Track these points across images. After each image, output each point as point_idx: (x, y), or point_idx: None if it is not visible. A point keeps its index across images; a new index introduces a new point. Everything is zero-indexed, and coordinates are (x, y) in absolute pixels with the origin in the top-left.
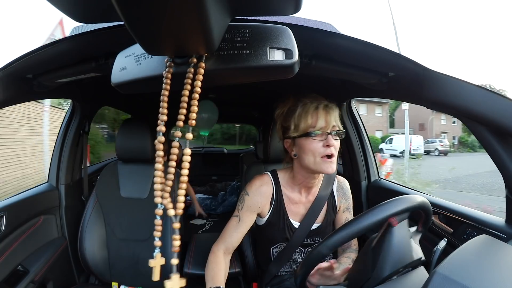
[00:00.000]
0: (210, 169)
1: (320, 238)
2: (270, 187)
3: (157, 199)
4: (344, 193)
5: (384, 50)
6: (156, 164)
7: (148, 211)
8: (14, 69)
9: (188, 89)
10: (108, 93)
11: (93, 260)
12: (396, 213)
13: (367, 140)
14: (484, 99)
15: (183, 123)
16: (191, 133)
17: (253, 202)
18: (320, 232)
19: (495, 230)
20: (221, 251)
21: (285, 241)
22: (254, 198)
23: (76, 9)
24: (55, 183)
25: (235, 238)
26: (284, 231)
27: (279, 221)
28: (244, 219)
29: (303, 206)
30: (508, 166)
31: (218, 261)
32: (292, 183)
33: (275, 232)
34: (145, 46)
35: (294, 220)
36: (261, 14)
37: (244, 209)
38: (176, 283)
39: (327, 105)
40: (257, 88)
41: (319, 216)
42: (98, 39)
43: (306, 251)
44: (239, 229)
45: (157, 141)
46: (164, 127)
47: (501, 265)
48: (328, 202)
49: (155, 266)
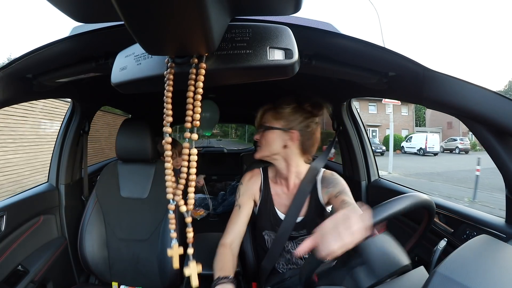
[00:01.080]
0: (210, 169)
1: (305, 231)
2: (259, 178)
3: (169, 195)
4: (328, 183)
5: (384, 50)
6: (166, 163)
7: (148, 211)
8: (14, 69)
9: (192, 90)
10: (108, 93)
11: (93, 260)
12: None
13: (367, 140)
14: (484, 99)
15: (190, 124)
16: (196, 134)
17: (246, 189)
18: (306, 225)
19: (495, 230)
20: (228, 243)
21: (272, 230)
22: (247, 186)
23: (76, 9)
24: (55, 183)
25: (239, 226)
26: (270, 218)
27: (267, 208)
28: (243, 206)
29: (286, 197)
30: (508, 166)
31: (226, 253)
32: (275, 177)
33: (265, 219)
34: (145, 46)
35: (279, 211)
36: (261, 14)
37: (241, 196)
38: (194, 269)
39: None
40: (257, 87)
41: (303, 209)
42: (98, 39)
43: (297, 245)
44: (241, 217)
45: (165, 142)
46: (170, 128)
47: (501, 265)
48: (311, 196)
49: (173, 255)
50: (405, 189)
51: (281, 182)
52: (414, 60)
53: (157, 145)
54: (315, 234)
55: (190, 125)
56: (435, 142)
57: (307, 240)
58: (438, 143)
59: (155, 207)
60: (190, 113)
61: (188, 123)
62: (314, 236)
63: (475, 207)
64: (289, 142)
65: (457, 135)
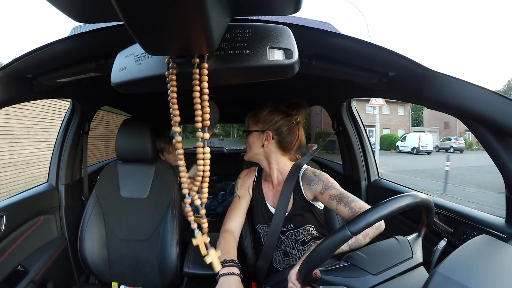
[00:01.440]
0: (210, 169)
1: (292, 225)
2: (253, 174)
3: (184, 191)
4: (310, 180)
5: (384, 50)
6: (179, 161)
7: (148, 211)
8: (14, 69)
9: (197, 90)
10: (108, 93)
11: (93, 260)
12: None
13: (367, 140)
14: (484, 99)
15: (201, 124)
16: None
17: (244, 181)
18: (291, 219)
19: (495, 230)
20: (230, 230)
21: (265, 223)
22: (244, 179)
23: (76, 9)
24: (55, 183)
25: (240, 214)
26: (262, 212)
27: (259, 203)
28: (243, 196)
29: (272, 193)
30: (508, 166)
31: (230, 238)
32: (265, 175)
33: (258, 213)
34: (145, 46)
35: (269, 204)
36: (261, 14)
37: (240, 188)
38: (214, 256)
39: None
40: (257, 87)
41: (289, 204)
42: (98, 39)
43: (289, 239)
44: (240, 207)
45: (175, 141)
46: (179, 127)
47: (501, 265)
48: (295, 192)
49: (199, 244)
50: (405, 189)
51: (268, 180)
52: (414, 60)
53: (157, 144)
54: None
55: (200, 125)
56: (428, 141)
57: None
58: (431, 142)
59: (155, 207)
60: (199, 113)
61: (199, 123)
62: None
63: (445, 198)
64: (265, 142)
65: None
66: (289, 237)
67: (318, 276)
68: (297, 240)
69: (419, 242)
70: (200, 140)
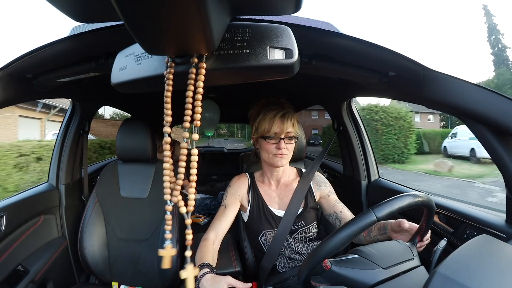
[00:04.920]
0: (210, 169)
1: (302, 222)
2: (246, 180)
3: (166, 196)
4: (319, 182)
5: (384, 50)
6: (165, 164)
7: (148, 211)
8: (14, 69)
9: (191, 90)
10: (108, 93)
11: (93, 260)
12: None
13: (367, 140)
14: (484, 99)
15: (189, 124)
16: (196, 134)
17: (234, 190)
18: (304, 217)
19: (495, 230)
20: (210, 238)
21: (270, 229)
22: (235, 187)
23: (76, 9)
24: (55, 183)
25: (224, 224)
26: (268, 218)
27: (260, 210)
28: (229, 205)
29: (275, 194)
30: (508, 166)
31: (207, 245)
32: (262, 176)
33: (261, 221)
34: (145, 46)
35: (274, 208)
36: (261, 14)
37: (228, 197)
38: (190, 272)
39: (284, 114)
40: (257, 87)
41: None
42: (98, 39)
43: (295, 239)
44: (226, 215)
45: (164, 142)
46: (169, 128)
47: (501, 265)
48: (307, 191)
49: (165, 256)
50: (405, 189)
51: (269, 181)
52: (414, 59)
53: (157, 145)
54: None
55: (189, 125)
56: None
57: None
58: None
59: (155, 207)
60: (189, 113)
61: (187, 123)
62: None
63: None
64: (257, 145)
65: None
66: (297, 237)
67: (328, 266)
68: (306, 238)
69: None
70: (185, 141)
